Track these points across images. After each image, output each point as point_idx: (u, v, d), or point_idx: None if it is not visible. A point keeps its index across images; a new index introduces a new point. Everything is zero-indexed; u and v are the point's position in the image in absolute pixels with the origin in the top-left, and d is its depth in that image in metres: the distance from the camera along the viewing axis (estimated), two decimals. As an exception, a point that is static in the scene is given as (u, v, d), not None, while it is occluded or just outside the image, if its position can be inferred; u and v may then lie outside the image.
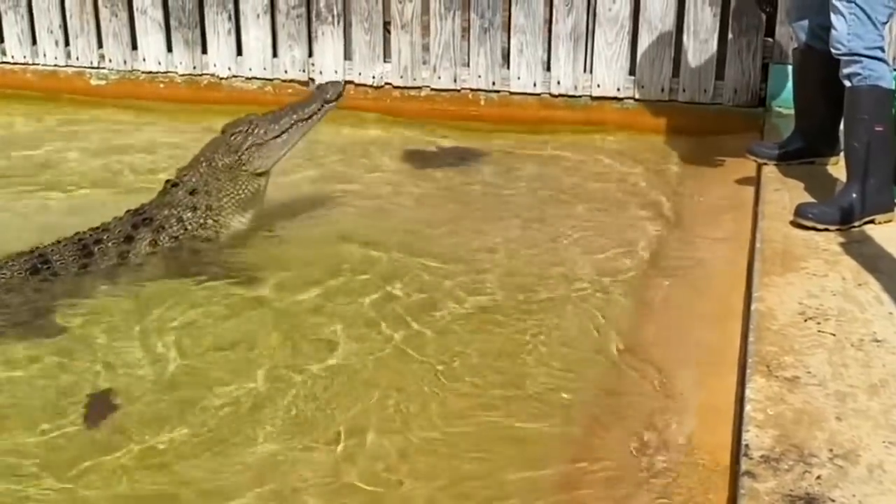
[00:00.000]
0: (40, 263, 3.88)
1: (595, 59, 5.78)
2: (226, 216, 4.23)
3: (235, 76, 6.24)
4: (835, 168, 4.49)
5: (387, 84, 6.09)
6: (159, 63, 6.32)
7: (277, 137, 4.27)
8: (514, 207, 4.71)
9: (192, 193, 4.20)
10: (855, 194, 3.90)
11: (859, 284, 3.43)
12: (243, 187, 4.25)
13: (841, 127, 4.27)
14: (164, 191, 4.25)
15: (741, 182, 4.64)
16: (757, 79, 5.60)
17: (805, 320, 3.18)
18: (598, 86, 5.79)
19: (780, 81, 5.42)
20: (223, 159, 4.23)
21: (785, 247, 3.74)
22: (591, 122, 5.76)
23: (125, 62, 6.37)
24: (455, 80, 5.98)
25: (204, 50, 6.26)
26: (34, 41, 6.48)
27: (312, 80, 6.12)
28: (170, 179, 4.29)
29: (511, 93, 5.93)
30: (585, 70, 5.82)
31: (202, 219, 4.19)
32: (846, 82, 3.94)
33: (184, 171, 4.29)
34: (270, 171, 4.35)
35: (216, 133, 4.37)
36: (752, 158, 4.67)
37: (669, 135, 5.60)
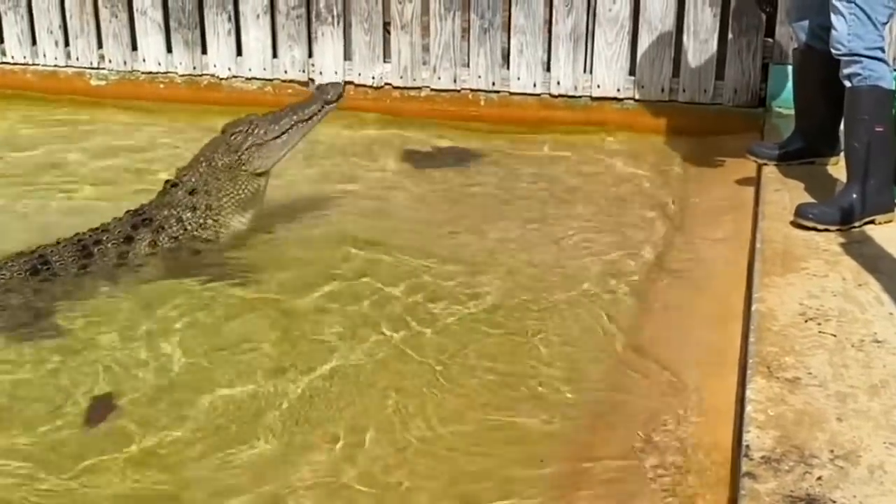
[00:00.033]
0: (40, 264, 3.88)
1: (595, 60, 5.78)
2: (226, 216, 4.23)
3: (235, 77, 6.24)
4: (835, 168, 4.49)
5: (387, 84, 6.08)
6: (159, 63, 6.32)
7: (277, 138, 4.26)
8: (514, 208, 4.71)
9: (192, 193, 4.20)
10: (855, 195, 3.90)
11: (860, 285, 3.43)
12: (243, 187, 4.24)
13: (841, 127, 4.27)
14: (164, 191, 4.25)
15: (741, 182, 4.63)
16: (757, 79, 5.59)
17: (806, 321, 3.18)
18: (598, 86, 5.79)
19: (780, 82, 5.42)
20: (223, 159, 4.22)
21: (785, 247, 3.74)
22: (592, 123, 5.75)
23: (125, 63, 6.36)
24: (455, 81, 5.98)
25: (204, 50, 6.25)
26: (34, 41, 6.47)
27: (312, 81, 6.12)
28: (169, 180, 4.28)
29: (511, 93, 5.92)
30: (585, 70, 5.82)
31: (202, 219, 4.18)
32: (846, 82, 3.94)
33: (183, 172, 4.28)
34: (270, 172, 4.34)
35: (216, 133, 4.36)
36: (753, 159, 4.66)
37: (669, 135, 5.59)
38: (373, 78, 6.07)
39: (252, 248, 4.24)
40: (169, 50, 6.29)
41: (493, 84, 5.93)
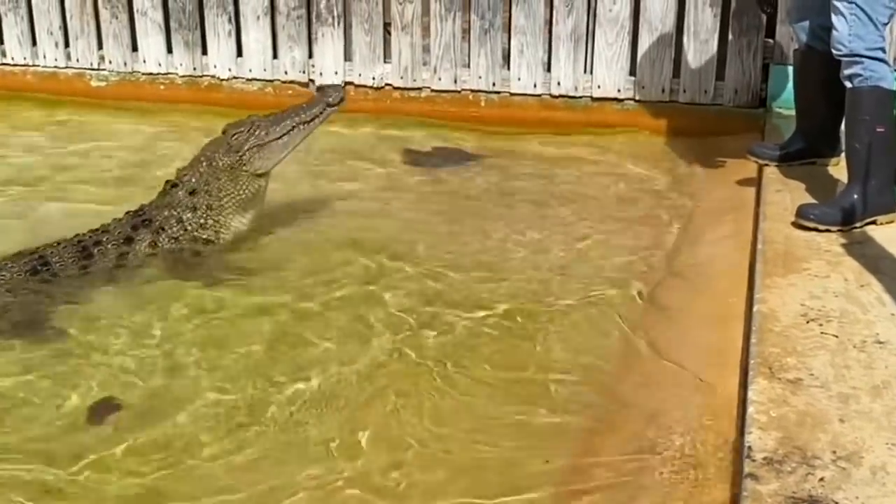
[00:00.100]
0: (40, 265, 3.88)
1: (595, 60, 5.78)
2: (226, 216, 4.23)
3: (236, 77, 6.24)
4: (836, 169, 4.48)
5: (387, 85, 6.08)
6: (159, 64, 6.32)
7: (278, 139, 4.26)
8: (515, 208, 4.71)
9: (192, 194, 4.20)
10: (856, 195, 3.90)
11: (861, 286, 3.42)
12: (244, 188, 4.24)
13: (842, 128, 4.26)
14: (164, 191, 4.25)
15: (742, 183, 4.63)
16: (757, 79, 5.59)
17: (807, 322, 3.17)
18: (599, 87, 5.79)
19: (781, 82, 5.41)
20: (224, 159, 4.22)
21: (786, 248, 3.73)
22: (592, 123, 5.75)
23: (125, 64, 6.36)
24: (455, 82, 5.98)
25: (204, 51, 6.25)
26: (34, 43, 6.47)
27: (312, 82, 6.12)
28: (170, 180, 4.28)
29: (511, 94, 5.92)
30: (586, 71, 5.82)
31: (202, 219, 4.18)
32: (847, 83, 3.93)
33: (184, 172, 4.28)
34: (270, 173, 4.34)
35: (217, 134, 4.36)
36: (753, 159, 4.66)
37: (670, 136, 5.59)
38: (373, 79, 6.07)
39: (252, 249, 4.24)
40: (169, 51, 6.29)
41: (494, 85, 5.93)
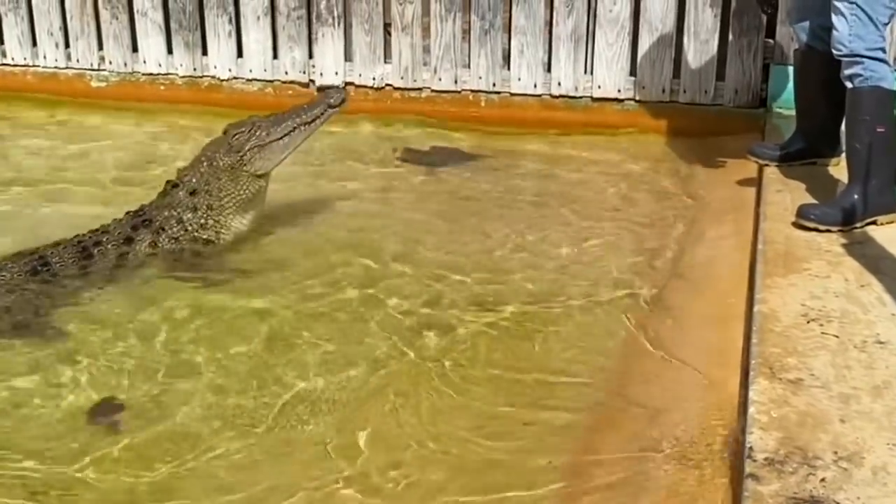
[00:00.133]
0: (40, 265, 3.88)
1: (596, 61, 5.77)
2: (226, 216, 4.23)
3: (236, 78, 6.23)
4: (836, 169, 4.48)
5: (387, 85, 6.08)
6: (160, 65, 6.31)
7: (279, 140, 4.26)
8: (515, 209, 4.71)
9: (193, 194, 4.20)
10: (857, 195, 3.90)
11: (862, 286, 3.42)
12: (244, 188, 4.24)
13: (842, 128, 4.26)
14: (165, 192, 4.25)
15: (742, 183, 4.63)
16: (758, 79, 5.59)
17: (808, 322, 3.17)
18: (599, 87, 5.79)
19: (781, 82, 5.41)
20: (225, 159, 4.22)
21: (787, 248, 3.73)
22: (592, 124, 5.74)
23: (125, 64, 6.36)
24: (456, 82, 5.98)
25: (204, 52, 6.24)
26: (34, 43, 6.46)
27: (313, 82, 6.12)
28: (170, 180, 4.28)
29: (512, 94, 5.92)
30: (586, 71, 5.81)
31: (202, 219, 4.18)
32: (848, 83, 3.93)
33: (184, 172, 4.28)
34: (271, 174, 4.34)
35: (217, 135, 4.36)
36: (754, 159, 4.66)
37: (670, 136, 5.59)
38: (373, 79, 6.07)
39: (253, 250, 4.24)
40: (169, 51, 6.29)
41: (494, 85, 5.93)
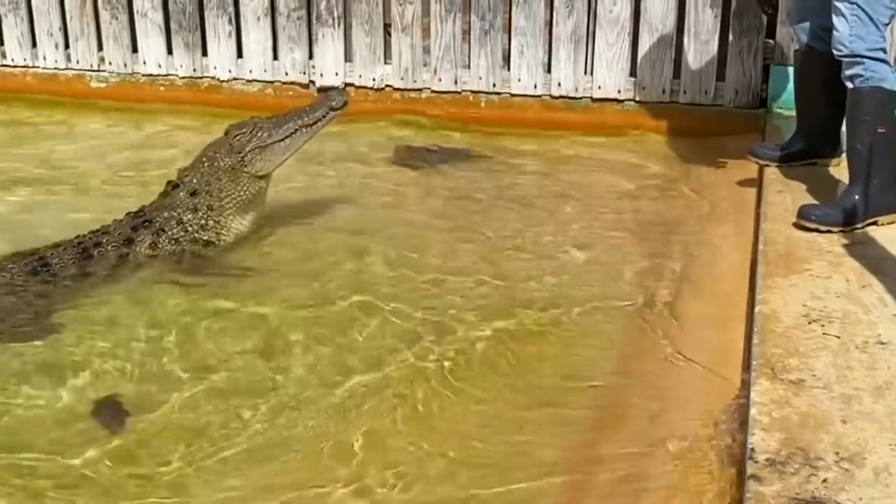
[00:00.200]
0: (40, 266, 3.88)
1: (596, 61, 5.77)
2: (227, 217, 4.22)
3: (236, 79, 6.23)
4: (837, 169, 4.48)
5: (387, 86, 6.08)
6: (160, 66, 6.31)
7: (281, 141, 4.25)
8: (515, 210, 4.69)
9: (193, 195, 4.19)
10: (858, 196, 3.90)
11: (863, 286, 3.42)
12: (245, 189, 4.23)
13: (843, 128, 4.26)
14: (165, 192, 4.24)
15: (743, 184, 4.63)
16: (758, 80, 5.59)
17: (809, 322, 3.17)
18: (599, 87, 5.79)
19: (781, 83, 5.42)
20: (225, 160, 4.21)
21: (788, 249, 3.73)
22: (592, 124, 5.74)
23: (125, 65, 6.36)
24: (456, 82, 5.98)
25: (204, 52, 6.24)
26: (34, 44, 6.46)
27: (313, 83, 6.12)
28: (171, 181, 4.28)
29: (512, 95, 5.92)
30: (586, 72, 5.82)
31: (203, 220, 4.17)
32: (848, 84, 3.94)
33: (185, 172, 4.27)
34: (272, 175, 4.34)
35: (217, 135, 4.36)
36: (754, 160, 4.67)
37: (670, 136, 5.59)
38: (373, 80, 6.07)
39: (253, 251, 4.23)
40: (169, 52, 6.29)
41: (494, 86, 5.93)
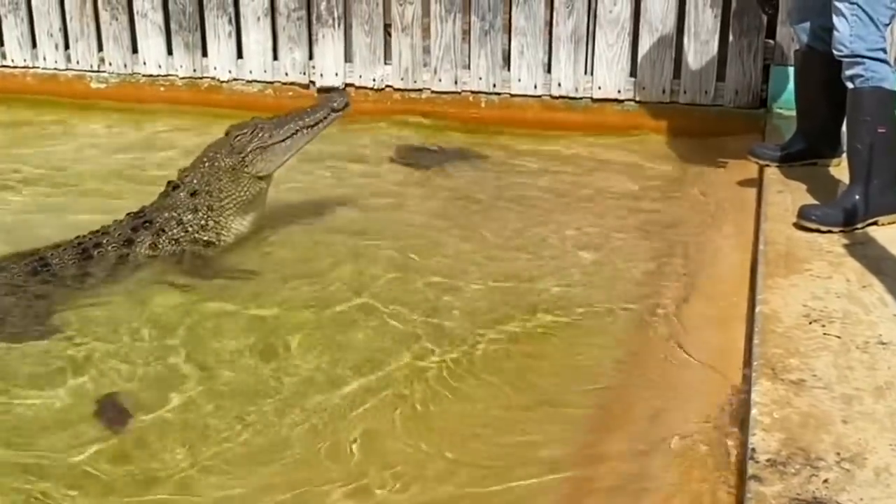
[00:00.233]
0: (40, 266, 3.88)
1: (596, 61, 5.78)
2: (227, 218, 4.22)
3: (236, 79, 6.23)
4: (837, 169, 4.48)
5: (387, 86, 6.08)
6: (160, 66, 6.31)
7: (281, 142, 4.25)
8: (515, 210, 4.69)
9: (194, 195, 4.19)
10: (858, 196, 3.90)
11: (863, 286, 3.42)
12: (245, 190, 4.23)
13: (843, 128, 4.26)
14: (165, 193, 4.24)
15: (743, 184, 4.63)
16: (758, 80, 5.59)
17: (810, 322, 3.17)
18: (599, 88, 5.79)
19: (781, 83, 5.42)
20: (226, 160, 4.21)
21: (788, 249, 3.73)
22: (592, 125, 5.74)
23: (125, 65, 6.36)
24: (456, 83, 5.98)
25: (204, 53, 6.25)
26: (34, 44, 6.47)
27: (313, 83, 6.12)
28: (171, 181, 4.28)
29: (512, 95, 5.93)
30: (586, 72, 5.82)
31: (203, 220, 4.17)
32: (849, 84, 3.94)
33: (185, 173, 4.27)
34: (272, 176, 4.34)
35: (217, 136, 4.35)
36: (754, 160, 4.67)
37: (670, 136, 5.59)
38: (373, 80, 6.07)
39: (253, 252, 4.23)
40: (169, 52, 6.29)
41: (494, 86, 5.94)
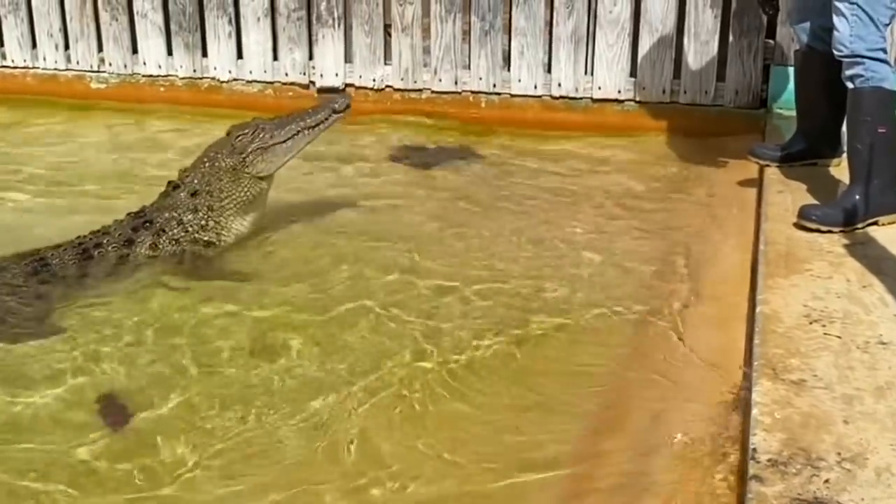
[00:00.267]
0: (40, 266, 3.88)
1: (596, 61, 5.78)
2: (227, 218, 4.22)
3: (236, 79, 6.23)
4: (837, 169, 4.49)
5: (388, 87, 6.08)
6: (160, 67, 6.31)
7: (282, 143, 4.25)
8: (516, 211, 4.70)
9: (194, 195, 4.19)
10: (858, 196, 3.90)
11: (864, 286, 3.42)
12: (245, 190, 4.23)
13: (843, 128, 4.26)
14: (166, 193, 4.24)
15: (743, 184, 4.63)
16: (758, 80, 5.59)
17: (810, 322, 3.17)
18: (599, 88, 5.79)
19: (782, 83, 5.42)
20: (227, 160, 4.21)
21: (788, 249, 3.74)
22: (592, 125, 5.75)
23: (125, 66, 6.36)
24: (456, 83, 5.98)
25: (204, 53, 6.24)
26: (34, 45, 6.46)
27: (313, 84, 6.12)
28: (171, 181, 4.28)
29: (512, 95, 5.93)
30: (586, 72, 5.82)
31: (203, 220, 4.17)
32: (849, 84, 3.94)
33: (186, 173, 4.27)
34: (273, 177, 4.34)
35: (217, 136, 4.36)
36: (754, 160, 4.67)
37: (670, 136, 5.59)
38: (374, 80, 6.07)
39: (253, 253, 4.23)
40: (169, 53, 6.29)
41: (494, 86, 5.94)
